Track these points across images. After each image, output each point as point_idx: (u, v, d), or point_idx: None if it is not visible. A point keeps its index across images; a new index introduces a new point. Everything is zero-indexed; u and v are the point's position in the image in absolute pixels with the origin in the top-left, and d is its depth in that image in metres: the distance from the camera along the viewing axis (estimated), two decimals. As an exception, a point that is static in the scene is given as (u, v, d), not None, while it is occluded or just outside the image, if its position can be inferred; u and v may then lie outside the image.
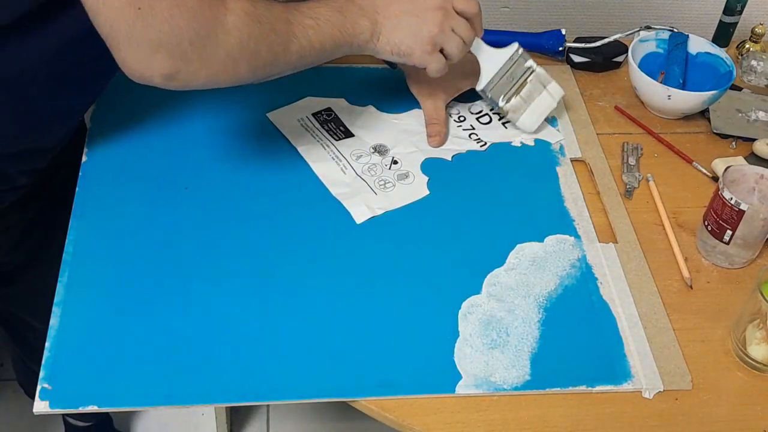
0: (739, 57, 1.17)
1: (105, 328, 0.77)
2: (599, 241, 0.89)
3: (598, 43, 1.12)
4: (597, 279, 0.85)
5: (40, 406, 0.71)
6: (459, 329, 0.79)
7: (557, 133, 1.02)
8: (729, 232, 0.86)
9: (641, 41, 1.09)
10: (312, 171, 0.94)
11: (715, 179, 0.98)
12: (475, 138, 1.00)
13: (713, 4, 1.23)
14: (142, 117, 0.98)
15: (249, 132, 0.98)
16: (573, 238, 0.89)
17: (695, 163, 1.01)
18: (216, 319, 0.78)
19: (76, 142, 0.94)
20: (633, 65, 1.04)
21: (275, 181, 0.92)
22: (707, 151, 1.03)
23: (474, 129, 1.01)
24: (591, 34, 1.18)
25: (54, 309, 0.78)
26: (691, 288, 0.87)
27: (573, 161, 0.99)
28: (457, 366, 0.76)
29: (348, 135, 0.99)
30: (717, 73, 1.06)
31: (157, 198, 0.89)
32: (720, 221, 0.86)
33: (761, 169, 0.88)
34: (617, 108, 1.09)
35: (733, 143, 1.05)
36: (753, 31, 1.16)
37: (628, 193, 0.96)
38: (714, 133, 1.06)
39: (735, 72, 1.04)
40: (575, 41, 1.13)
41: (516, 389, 0.75)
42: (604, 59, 1.13)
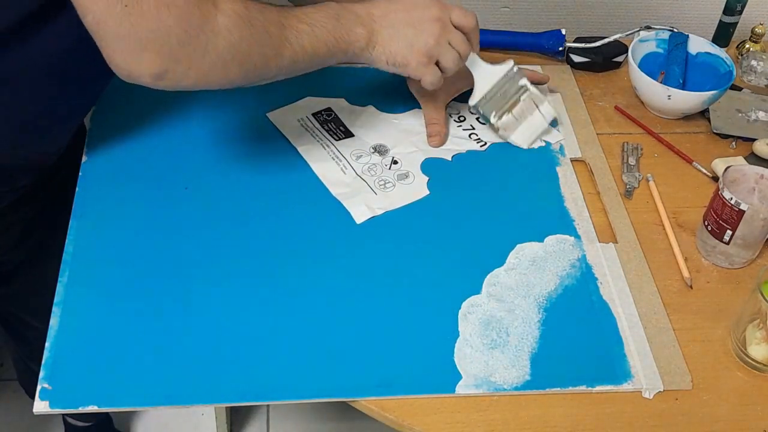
0: (739, 57, 1.17)
1: (105, 328, 0.77)
2: (599, 241, 0.89)
3: (598, 43, 1.12)
4: (597, 279, 0.85)
5: (40, 406, 0.71)
6: (459, 329, 0.79)
7: (557, 133, 1.02)
8: (729, 232, 0.86)
9: (641, 41, 1.09)
10: (312, 171, 0.94)
11: (715, 179, 0.98)
12: (475, 138, 1.00)
13: (713, 4, 1.23)
14: (142, 117, 0.98)
15: (249, 132, 0.98)
16: (573, 238, 0.89)
17: (695, 163, 1.01)
18: (216, 319, 0.78)
19: (76, 142, 0.94)
20: (633, 65, 1.04)
21: (275, 181, 0.92)
22: (707, 151, 1.03)
23: (474, 129, 1.01)
24: (591, 34, 1.18)
25: (54, 309, 0.78)
26: (691, 288, 0.87)
27: (573, 161, 0.99)
28: (457, 366, 0.76)
29: (348, 135, 0.99)
30: (717, 73, 1.06)
31: (157, 198, 0.89)
32: (720, 221, 0.86)
33: (761, 169, 0.88)
34: (617, 108, 1.09)
35: (733, 143, 1.05)
36: (753, 31, 1.16)
37: (628, 193, 0.96)
38: (714, 133, 1.06)
39: (735, 72, 1.04)
40: (575, 41, 1.13)
41: (516, 389, 0.75)
42: (604, 59, 1.13)
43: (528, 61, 1.14)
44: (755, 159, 1.01)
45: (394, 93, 1.03)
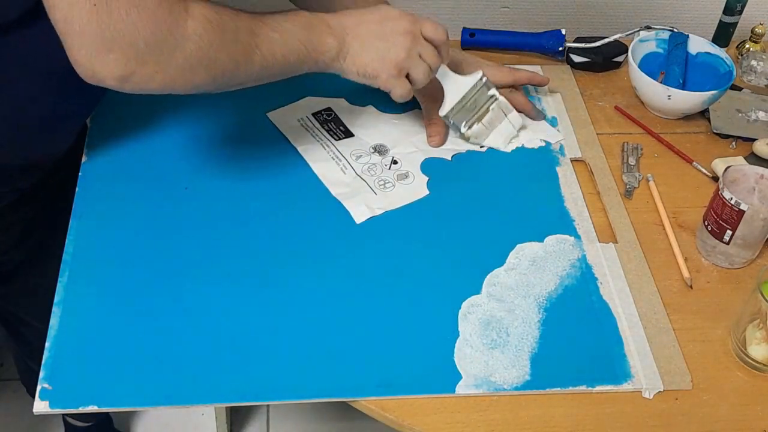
0: (739, 57, 1.17)
1: (105, 328, 0.77)
2: (599, 241, 0.89)
3: (598, 43, 1.12)
4: (597, 279, 0.85)
5: (40, 406, 0.71)
6: (459, 329, 0.79)
7: (557, 133, 1.02)
8: (729, 232, 0.86)
9: (641, 41, 1.09)
10: (312, 171, 0.94)
11: (715, 179, 0.98)
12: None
13: (713, 4, 1.23)
14: (142, 117, 0.98)
15: (249, 132, 0.98)
16: (573, 238, 0.89)
17: (695, 163, 1.01)
18: (216, 319, 0.78)
19: (76, 142, 0.94)
20: (633, 65, 1.04)
21: (275, 181, 0.92)
22: (707, 151, 1.03)
23: (474, 129, 1.02)
24: (591, 34, 1.18)
25: (54, 309, 0.78)
26: (691, 288, 0.87)
27: (573, 161, 0.99)
28: (457, 366, 0.76)
29: (348, 135, 0.99)
30: (717, 73, 1.06)
31: (157, 198, 0.89)
32: (720, 221, 0.86)
33: (761, 169, 0.87)
34: (617, 108, 1.09)
35: (733, 143, 1.05)
36: (753, 31, 1.16)
37: (628, 193, 0.96)
38: (714, 133, 1.06)
39: (735, 72, 1.04)
40: (575, 41, 1.13)
41: (516, 389, 0.75)
42: (604, 59, 1.13)
43: (528, 61, 1.14)
44: (755, 159, 1.01)
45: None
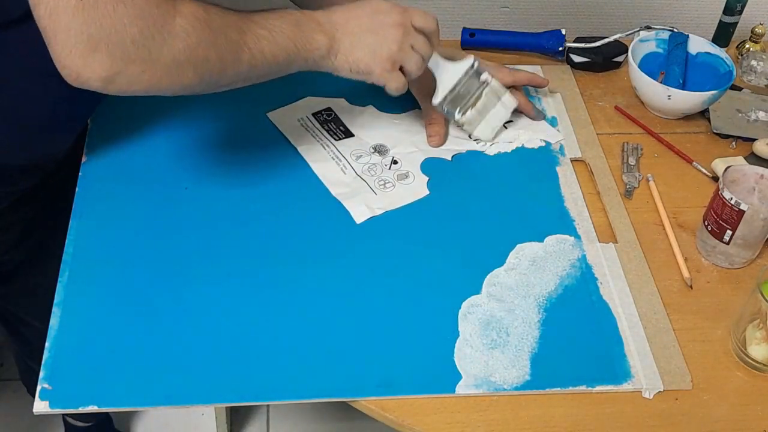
0: (739, 57, 1.17)
1: (105, 328, 0.77)
2: (599, 241, 0.89)
3: (598, 43, 1.12)
4: (597, 279, 0.85)
5: (40, 406, 0.71)
6: (459, 329, 0.79)
7: (557, 133, 1.02)
8: (729, 232, 0.86)
9: (641, 41, 1.09)
10: (312, 171, 0.94)
11: (715, 179, 0.98)
12: (475, 138, 1.00)
13: (713, 4, 1.23)
14: (142, 117, 0.98)
15: (249, 132, 0.98)
16: (573, 238, 0.89)
17: (695, 163, 1.01)
18: (216, 319, 0.78)
19: (76, 142, 0.94)
20: (633, 65, 1.04)
21: (275, 181, 0.92)
22: (707, 151, 1.03)
23: (474, 129, 1.01)
24: (591, 34, 1.18)
25: (54, 309, 0.78)
26: (691, 288, 0.87)
27: (573, 161, 0.99)
28: (457, 366, 0.76)
29: (348, 135, 0.99)
30: (717, 73, 1.06)
31: (157, 198, 0.89)
32: (720, 221, 0.86)
33: (761, 169, 0.87)
34: (617, 108, 1.09)
35: (733, 143, 1.05)
36: (753, 31, 1.16)
37: (628, 193, 0.96)
38: (714, 133, 1.06)
39: (735, 72, 1.04)
40: (575, 41, 1.13)
41: (516, 389, 0.75)
42: (604, 59, 1.13)
43: (528, 61, 1.14)
44: (755, 159, 1.01)
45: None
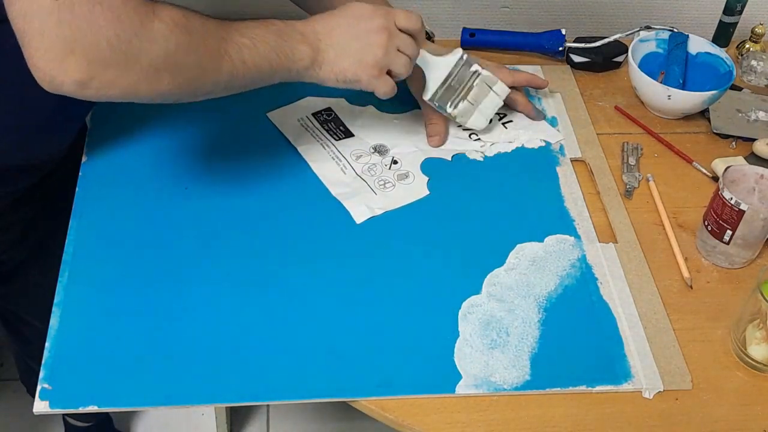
0: (739, 57, 1.17)
1: (105, 328, 0.77)
2: (599, 241, 0.89)
3: (598, 43, 1.12)
4: (597, 279, 0.85)
5: (40, 406, 0.71)
6: (459, 329, 0.79)
7: (557, 133, 1.02)
8: (729, 232, 0.86)
9: (641, 41, 1.09)
10: (312, 171, 0.94)
11: (715, 179, 0.98)
12: (475, 138, 1.00)
13: (713, 4, 1.23)
14: (142, 117, 0.98)
15: (249, 132, 0.98)
16: (573, 238, 0.89)
17: (695, 163, 1.01)
18: (216, 319, 0.78)
19: (76, 142, 0.94)
20: (633, 65, 1.04)
21: (275, 181, 0.92)
22: (707, 151, 1.03)
23: (474, 129, 1.01)
24: (591, 34, 1.18)
25: (54, 309, 0.78)
26: (691, 288, 0.87)
27: (573, 161, 0.99)
28: (457, 366, 0.76)
29: (348, 135, 0.99)
30: (717, 73, 1.06)
31: (157, 198, 0.89)
32: (720, 221, 0.86)
33: (761, 169, 0.87)
34: (617, 108, 1.09)
35: (733, 143, 1.05)
36: (753, 31, 1.16)
37: (628, 193, 0.96)
38: (714, 133, 1.06)
39: (735, 72, 1.04)
40: (575, 41, 1.13)
41: (516, 389, 0.75)
42: (604, 59, 1.13)
43: (528, 61, 1.14)
44: (755, 159, 1.01)
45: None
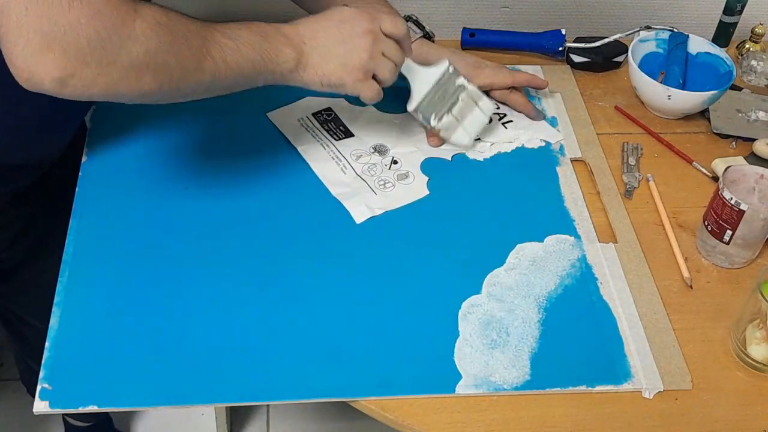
0: (739, 57, 1.17)
1: (105, 328, 0.77)
2: (599, 241, 0.89)
3: (598, 43, 1.12)
4: (597, 279, 0.85)
5: (40, 406, 0.71)
6: (459, 329, 0.79)
7: (557, 133, 1.02)
8: (729, 232, 0.86)
9: (641, 41, 1.09)
10: (312, 171, 0.94)
11: (715, 179, 0.98)
12: (476, 138, 1.00)
13: (713, 4, 1.23)
14: (142, 117, 0.98)
15: (249, 132, 0.98)
16: (573, 238, 0.89)
17: (695, 163, 1.01)
18: (216, 319, 0.78)
19: (76, 141, 0.94)
20: (633, 65, 1.04)
21: (275, 181, 0.92)
22: (707, 151, 1.03)
23: (474, 129, 1.01)
24: (591, 34, 1.18)
25: (54, 309, 0.78)
26: (691, 288, 0.87)
27: (573, 161, 0.99)
28: (457, 366, 0.76)
29: (348, 135, 0.99)
30: (717, 73, 1.06)
31: (157, 198, 0.89)
32: (720, 221, 0.86)
33: (761, 169, 0.87)
34: (617, 108, 1.09)
35: (733, 143, 1.05)
36: (753, 31, 1.16)
37: (628, 193, 0.96)
38: (714, 133, 1.06)
39: (735, 72, 1.04)
40: (575, 41, 1.13)
41: (516, 389, 0.75)
42: (604, 59, 1.13)
43: (528, 61, 1.14)
44: (755, 159, 1.01)
45: (394, 93, 1.02)
